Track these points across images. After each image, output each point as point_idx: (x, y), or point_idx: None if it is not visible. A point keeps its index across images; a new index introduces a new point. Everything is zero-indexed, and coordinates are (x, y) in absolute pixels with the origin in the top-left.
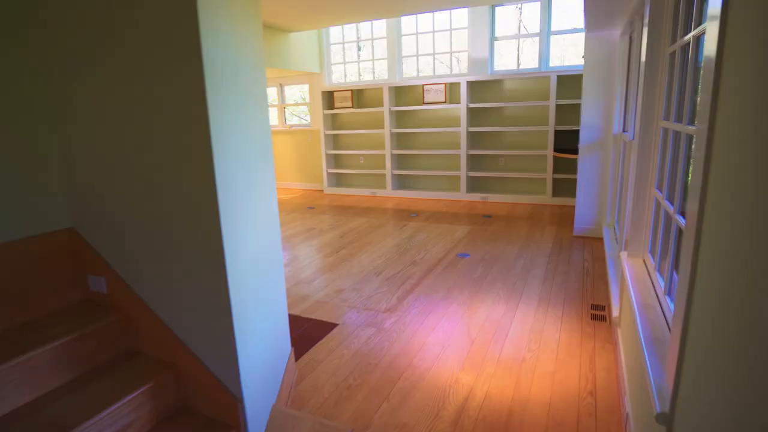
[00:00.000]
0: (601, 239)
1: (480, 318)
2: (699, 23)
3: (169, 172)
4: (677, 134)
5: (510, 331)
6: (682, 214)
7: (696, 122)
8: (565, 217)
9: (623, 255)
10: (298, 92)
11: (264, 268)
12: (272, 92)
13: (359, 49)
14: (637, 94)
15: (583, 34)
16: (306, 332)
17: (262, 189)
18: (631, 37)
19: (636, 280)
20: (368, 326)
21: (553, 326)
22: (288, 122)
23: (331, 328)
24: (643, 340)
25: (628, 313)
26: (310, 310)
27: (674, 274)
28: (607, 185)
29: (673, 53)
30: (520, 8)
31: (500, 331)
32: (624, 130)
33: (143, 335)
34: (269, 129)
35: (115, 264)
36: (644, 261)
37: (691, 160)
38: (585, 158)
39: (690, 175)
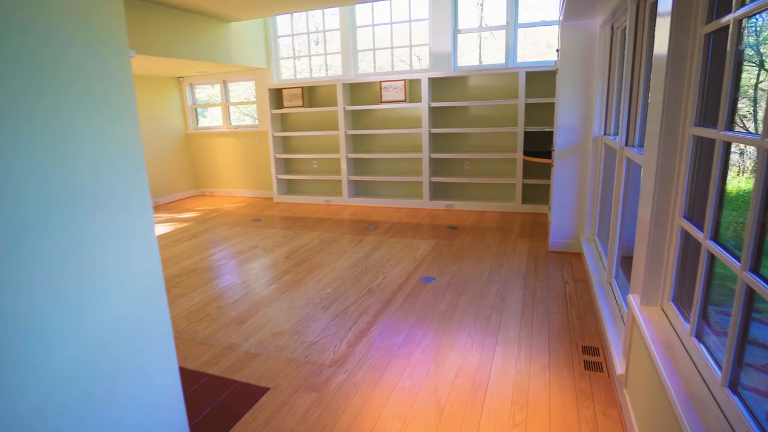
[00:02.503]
0: (580, 255)
1: (450, 372)
2: None
3: None
4: (726, 146)
5: (488, 391)
6: (757, 271)
7: None
8: (537, 227)
9: (633, 299)
10: (249, 89)
11: (121, 365)
12: (216, 90)
13: (316, 43)
14: (633, 95)
15: (551, 28)
16: (225, 404)
17: (113, 243)
18: (613, 28)
19: (662, 345)
20: (308, 390)
21: (540, 381)
22: (233, 123)
23: (260, 395)
24: None
25: (649, 383)
26: (236, 366)
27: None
28: (587, 195)
29: (713, 34)
30: (481, 4)
31: (476, 391)
32: (606, 133)
33: None
34: (136, 140)
35: None
36: (664, 311)
37: None
38: (561, 164)
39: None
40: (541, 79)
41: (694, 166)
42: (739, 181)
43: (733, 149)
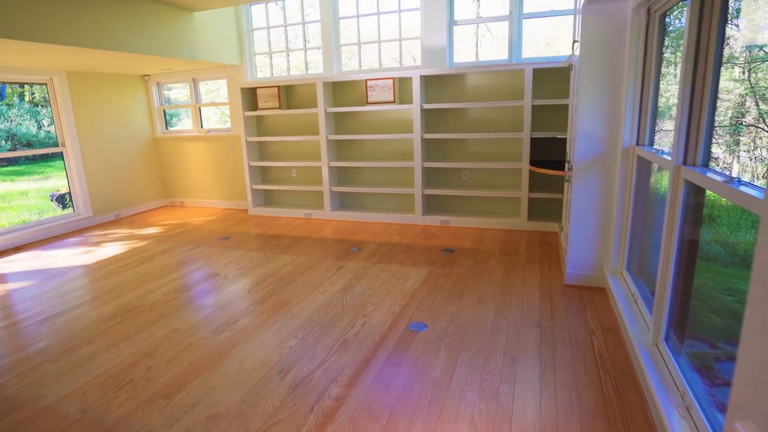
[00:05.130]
0: (603, 290)
1: None
2: None
3: None
4: None
5: None
6: None
7: None
8: (547, 250)
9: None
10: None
11: None
12: (184, 89)
13: (306, 41)
14: (695, 98)
15: (555, 22)
16: None
17: None
18: (649, 12)
19: None
20: None
21: None
22: (208, 126)
23: None
24: None
25: None
26: None
27: None
28: (613, 218)
29: None
30: None
31: None
32: (640, 143)
33: None
34: None
35: None
36: None
37: None
38: (581, 180)
39: None
40: (550, 78)
41: None
42: None
43: None
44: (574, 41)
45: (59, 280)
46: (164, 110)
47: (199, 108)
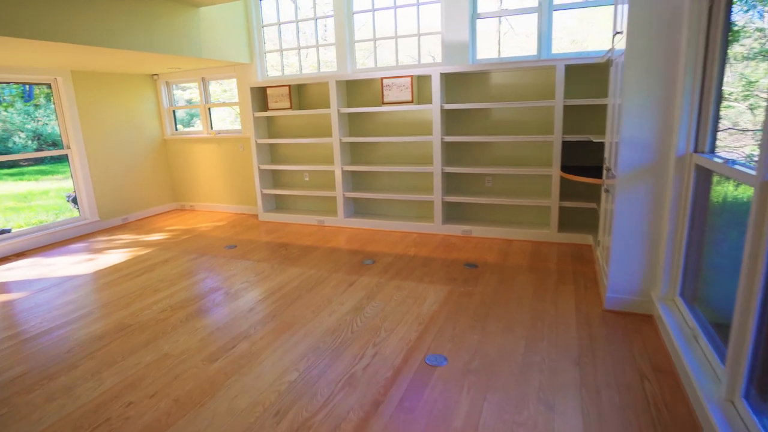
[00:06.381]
0: (650, 318)
1: None
2: None
3: None
4: None
5: None
6: None
7: None
8: (581, 266)
9: None
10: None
11: None
12: (194, 88)
13: (324, 39)
14: None
15: (587, 12)
16: None
17: None
18: None
19: None
20: None
21: None
22: (218, 127)
23: None
24: None
25: None
26: None
27: None
28: (664, 236)
29: None
30: None
31: None
32: (699, 150)
33: None
34: None
35: None
36: None
37: None
38: (626, 192)
39: None
40: (585, 75)
41: None
42: None
43: None
44: (616, 33)
45: (53, 292)
46: (174, 111)
47: (209, 108)
